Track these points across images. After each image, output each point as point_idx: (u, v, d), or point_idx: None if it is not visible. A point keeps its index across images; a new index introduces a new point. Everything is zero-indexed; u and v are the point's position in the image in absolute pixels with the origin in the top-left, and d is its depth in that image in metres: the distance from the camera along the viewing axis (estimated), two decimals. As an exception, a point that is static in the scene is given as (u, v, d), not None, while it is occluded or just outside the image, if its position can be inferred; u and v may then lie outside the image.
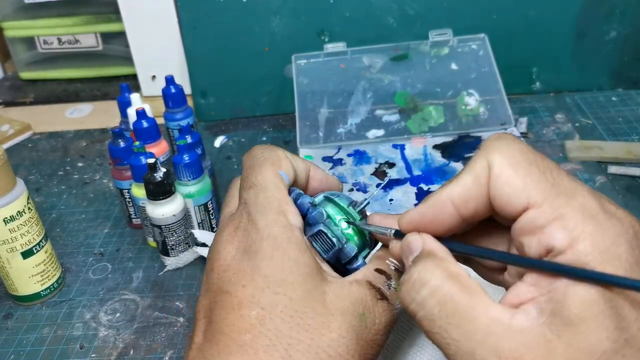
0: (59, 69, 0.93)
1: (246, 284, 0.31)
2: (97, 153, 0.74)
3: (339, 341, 0.29)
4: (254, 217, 0.32)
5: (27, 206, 0.48)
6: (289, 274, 0.30)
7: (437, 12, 0.72)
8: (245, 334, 0.29)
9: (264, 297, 0.30)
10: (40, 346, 0.47)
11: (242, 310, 0.30)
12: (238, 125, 0.77)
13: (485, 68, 0.69)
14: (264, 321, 0.29)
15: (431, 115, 0.68)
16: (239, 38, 0.74)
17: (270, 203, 0.33)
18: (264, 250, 0.31)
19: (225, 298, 0.31)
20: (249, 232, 0.32)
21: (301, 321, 0.29)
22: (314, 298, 0.30)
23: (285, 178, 0.35)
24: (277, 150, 0.36)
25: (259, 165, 0.35)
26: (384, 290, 0.31)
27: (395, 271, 0.32)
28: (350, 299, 0.31)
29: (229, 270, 0.32)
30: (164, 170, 0.50)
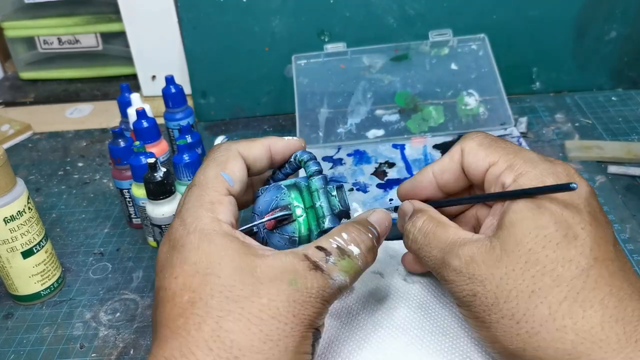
0: (59, 69, 0.93)
1: (177, 275, 0.32)
2: (97, 153, 0.74)
3: (269, 304, 0.31)
4: (183, 214, 0.34)
5: (27, 206, 0.48)
6: (216, 257, 0.32)
7: (437, 12, 0.72)
8: (179, 319, 0.31)
9: (194, 281, 0.31)
10: (40, 346, 0.47)
11: (175, 299, 0.31)
12: (238, 125, 0.77)
13: (485, 68, 0.69)
14: (195, 302, 0.31)
15: (431, 115, 0.68)
16: (239, 38, 0.75)
17: (203, 199, 0.35)
18: (191, 242, 0.33)
19: (162, 294, 0.32)
20: (177, 229, 0.34)
21: (230, 294, 0.31)
22: (243, 272, 0.32)
23: (227, 178, 0.36)
24: (229, 150, 0.38)
25: (205, 165, 0.37)
26: (320, 263, 0.33)
27: (336, 248, 0.34)
28: (281, 268, 0.32)
29: (163, 269, 0.33)
30: (164, 170, 0.50)
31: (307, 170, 0.38)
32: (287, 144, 0.40)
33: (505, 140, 0.38)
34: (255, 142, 0.39)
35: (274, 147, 0.40)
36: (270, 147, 0.39)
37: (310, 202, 0.37)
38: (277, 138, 0.40)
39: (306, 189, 0.37)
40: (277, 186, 0.38)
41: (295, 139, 0.41)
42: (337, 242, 0.35)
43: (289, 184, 0.38)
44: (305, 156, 0.38)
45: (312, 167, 0.37)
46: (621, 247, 0.38)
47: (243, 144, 0.39)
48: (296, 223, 0.36)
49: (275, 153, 0.40)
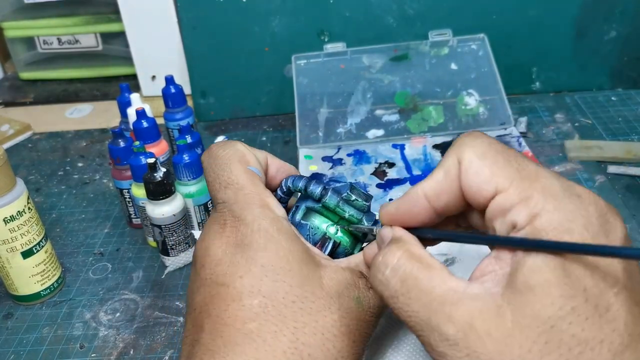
0: (59, 69, 0.93)
1: (243, 275, 0.31)
2: (97, 153, 0.74)
3: (341, 321, 0.31)
4: (239, 214, 0.33)
5: (27, 206, 0.48)
6: (285, 262, 0.31)
7: (436, 12, 0.72)
8: (251, 323, 0.29)
9: (264, 285, 0.30)
10: (40, 346, 0.47)
11: (243, 301, 0.30)
12: (238, 125, 0.77)
13: (485, 68, 0.69)
14: (267, 308, 0.30)
15: (431, 115, 0.68)
16: (238, 38, 0.75)
17: (252, 198, 0.34)
18: (257, 242, 0.32)
19: (222, 290, 0.31)
20: (238, 228, 0.33)
21: (303, 305, 0.30)
22: (312, 283, 0.31)
23: (256, 171, 0.35)
24: (237, 145, 0.36)
25: (226, 163, 0.35)
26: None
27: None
28: (346, 284, 0.32)
29: (221, 264, 0.32)
30: (164, 170, 0.50)
31: (313, 194, 0.36)
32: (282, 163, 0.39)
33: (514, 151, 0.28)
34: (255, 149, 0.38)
35: (270, 161, 0.38)
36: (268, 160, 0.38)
37: (336, 217, 0.36)
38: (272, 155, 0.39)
39: (325, 209, 0.36)
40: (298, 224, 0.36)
41: (288, 165, 0.39)
42: None
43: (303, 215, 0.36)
44: (300, 183, 0.36)
45: (315, 190, 0.35)
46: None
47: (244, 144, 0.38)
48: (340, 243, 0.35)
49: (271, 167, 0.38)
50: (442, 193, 0.30)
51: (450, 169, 0.29)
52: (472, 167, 0.28)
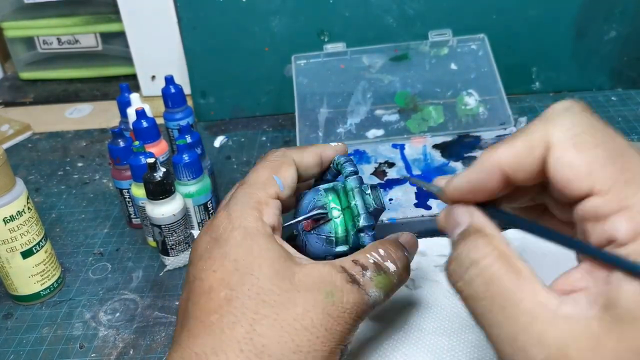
0: (59, 69, 0.93)
1: (216, 269, 0.32)
2: (96, 153, 0.74)
3: (304, 315, 0.31)
4: (230, 209, 0.34)
5: (26, 206, 0.48)
6: (257, 257, 0.32)
7: (436, 12, 0.72)
8: (213, 315, 0.31)
9: (233, 279, 0.31)
10: (40, 346, 0.47)
11: (211, 294, 0.31)
12: (238, 125, 0.77)
13: (485, 68, 0.69)
14: (231, 301, 0.31)
15: (431, 115, 0.68)
16: (238, 38, 0.74)
17: (250, 199, 0.35)
18: (234, 238, 0.33)
19: (198, 284, 0.32)
20: (222, 222, 0.34)
21: (267, 297, 0.31)
22: (281, 277, 0.32)
23: (278, 182, 0.36)
24: (285, 155, 0.38)
25: (259, 167, 0.37)
26: (357, 276, 0.33)
27: (373, 264, 0.34)
28: (319, 278, 0.32)
29: (201, 259, 0.33)
30: (164, 170, 0.50)
31: (343, 171, 0.38)
32: (335, 150, 0.41)
33: (619, 139, 0.24)
34: (306, 150, 0.40)
35: (324, 155, 0.40)
36: (321, 155, 0.40)
37: (346, 203, 0.37)
38: (326, 145, 0.41)
39: (342, 190, 0.38)
40: (316, 189, 0.39)
41: (340, 144, 0.41)
42: (374, 257, 0.34)
43: (327, 187, 0.38)
44: (342, 159, 0.39)
45: (347, 169, 0.38)
46: None
47: (296, 151, 0.39)
48: (332, 223, 0.37)
49: (325, 160, 0.40)
50: (520, 169, 0.26)
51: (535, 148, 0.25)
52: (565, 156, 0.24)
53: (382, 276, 0.34)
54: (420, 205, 0.55)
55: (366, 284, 0.33)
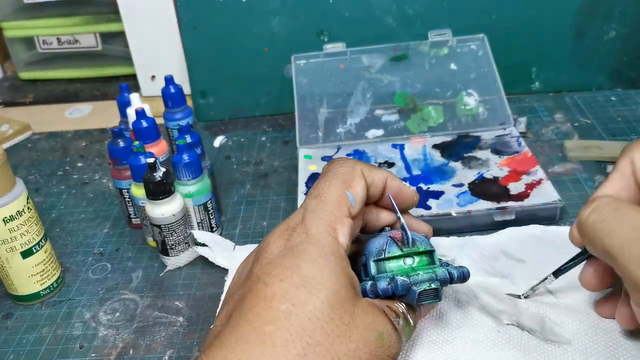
0: (59, 69, 0.93)
1: (284, 279, 0.32)
2: (96, 153, 0.74)
3: (355, 352, 0.31)
4: (308, 223, 0.34)
5: (26, 206, 0.48)
6: (327, 280, 0.32)
7: (436, 12, 0.72)
8: (269, 325, 0.30)
9: (298, 294, 0.31)
10: (39, 346, 0.47)
11: (272, 302, 0.31)
12: (237, 125, 0.77)
13: (485, 68, 0.69)
14: (291, 317, 0.30)
15: (430, 115, 0.68)
16: (238, 38, 0.75)
17: (327, 217, 0.35)
18: (309, 253, 0.33)
19: (260, 287, 0.32)
20: (299, 234, 0.34)
21: (326, 325, 0.31)
22: (344, 308, 0.32)
23: (351, 199, 0.36)
24: (355, 168, 0.38)
25: (330, 178, 0.37)
26: (396, 324, 0.34)
27: (402, 314, 0.35)
28: (374, 318, 0.33)
29: (271, 263, 0.33)
30: (164, 170, 0.50)
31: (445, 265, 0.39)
32: (401, 186, 0.40)
33: None
34: (376, 169, 0.39)
35: (390, 183, 0.40)
36: (387, 181, 0.40)
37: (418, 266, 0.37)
38: (394, 175, 0.40)
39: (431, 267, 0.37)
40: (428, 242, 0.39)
41: (411, 189, 0.41)
42: (402, 308, 0.35)
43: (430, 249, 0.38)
44: (465, 268, 0.38)
45: (455, 270, 0.37)
46: None
47: (366, 166, 0.39)
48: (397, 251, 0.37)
49: (389, 189, 0.40)
50: (622, 191, 0.35)
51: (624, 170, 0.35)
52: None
53: (409, 327, 0.35)
54: (419, 205, 0.55)
55: (401, 332, 0.34)
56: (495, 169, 0.59)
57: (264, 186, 0.64)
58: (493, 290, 0.44)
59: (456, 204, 0.54)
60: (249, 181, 0.65)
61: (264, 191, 0.63)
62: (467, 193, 0.56)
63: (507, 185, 0.56)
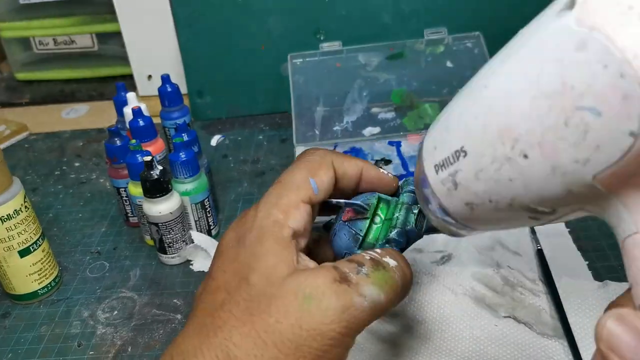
0: (55, 69, 0.93)
1: (226, 269, 0.32)
2: (93, 153, 0.74)
3: (274, 327, 0.27)
4: (260, 207, 0.33)
5: (23, 205, 0.48)
6: (255, 262, 0.31)
7: (432, 10, 0.73)
8: (208, 317, 0.30)
9: (232, 282, 0.31)
10: (38, 344, 0.47)
11: (215, 294, 0.31)
12: (234, 124, 0.77)
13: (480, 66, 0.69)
14: (224, 305, 0.30)
15: (427, 113, 0.68)
16: (234, 37, 0.75)
17: (279, 200, 0.33)
18: (248, 240, 0.32)
19: (210, 283, 0.32)
20: (247, 220, 0.33)
21: (252, 305, 0.29)
22: (273, 284, 0.29)
23: (313, 186, 0.34)
24: (324, 157, 0.36)
25: (297, 165, 0.35)
26: (350, 275, 0.29)
27: (370, 260, 0.31)
28: (300, 281, 0.29)
29: (221, 256, 0.33)
30: (161, 168, 0.50)
31: (404, 188, 0.37)
32: (379, 175, 0.38)
33: None
34: (349, 158, 0.37)
35: (366, 173, 0.37)
36: (363, 170, 0.37)
37: (391, 215, 0.36)
38: (371, 165, 0.38)
39: (394, 204, 0.37)
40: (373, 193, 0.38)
41: (390, 175, 0.38)
42: (370, 254, 0.31)
43: (383, 197, 0.37)
44: (410, 178, 0.37)
45: (409, 187, 0.37)
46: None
47: (338, 156, 0.37)
48: (367, 223, 0.36)
49: (365, 179, 0.37)
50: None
51: None
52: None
53: (381, 272, 0.29)
54: (416, 201, 0.55)
55: (360, 281, 0.28)
56: (492, 165, 0.59)
57: (261, 184, 0.64)
58: (488, 282, 0.45)
59: (453, 201, 0.54)
60: (246, 179, 0.65)
61: (261, 189, 0.63)
62: (464, 189, 0.56)
63: (504, 182, 0.56)
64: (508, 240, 0.49)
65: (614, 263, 0.47)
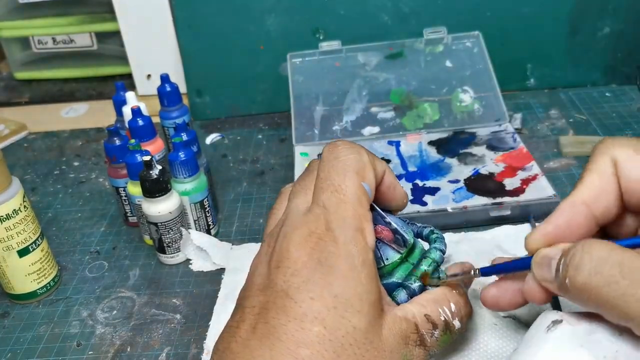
0: (54, 68, 0.93)
1: (314, 297, 0.30)
2: (92, 152, 0.74)
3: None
4: (334, 229, 0.32)
5: (23, 204, 0.48)
6: (357, 301, 0.31)
7: (431, 9, 0.73)
8: (304, 349, 0.29)
9: (330, 317, 0.30)
10: (37, 344, 0.47)
11: (304, 323, 0.30)
12: (234, 124, 0.77)
13: (480, 65, 0.69)
14: (324, 341, 0.30)
15: (426, 112, 0.68)
16: (234, 36, 0.75)
17: (352, 217, 0.32)
18: (340, 269, 0.31)
19: (288, 304, 0.30)
20: (327, 244, 0.32)
21: (358, 351, 0.30)
22: (374, 331, 0.31)
23: (368, 191, 0.34)
24: (362, 155, 0.35)
25: (344, 169, 0.34)
26: (426, 337, 0.33)
27: (444, 322, 0.33)
28: (400, 339, 0.32)
29: (298, 275, 0.31)
30: (160, 168, 0.50)
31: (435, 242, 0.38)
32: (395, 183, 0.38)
33: None
34: (377, 158, 0.37)
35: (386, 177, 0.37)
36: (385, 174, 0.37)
37: (414, 260, 0.37)
38: (391, 170, 0.38)
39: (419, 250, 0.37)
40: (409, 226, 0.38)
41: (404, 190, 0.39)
42: (446, 314, 0.34)
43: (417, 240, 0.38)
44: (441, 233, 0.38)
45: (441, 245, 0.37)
46: None
47: (370, 154, 0.36)
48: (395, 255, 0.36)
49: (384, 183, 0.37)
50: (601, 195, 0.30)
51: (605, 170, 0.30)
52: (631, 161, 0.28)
53: (447, 335, 0.34)
54: (416, 201, 0.55)
55: (432, 345, 0.33)
56: (491, 164, 0.59)
57: (261, 184, 0.64)
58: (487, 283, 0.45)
59: (452, 200, 0.54)
60: (245, 179, 0.65)
61: (260, 189, 0.63)
62: (463, 189, 0.56)
63: (503, 181, 0.56)
64: (507, 243, 0.49)
65: (613, 263, 0.48)
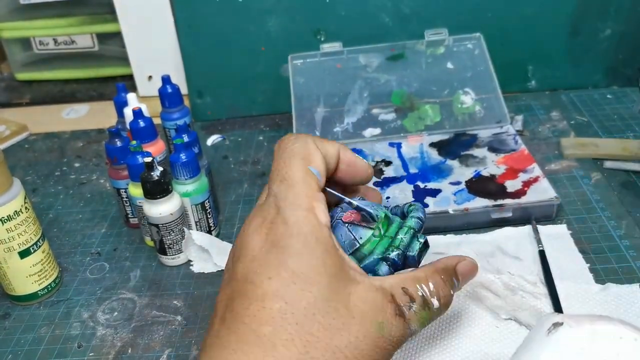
0: (55, 69, 0.93)
1: (272, 276, 0.31)
2: (93, 153, 0.74)
3: (356, 344, 0.31)
4: (284, 212, 0.33)
5: (24, 206, 0.48)
6: (315, 273, 0.31)
7: (432, 11, 0.73)
8: (266, 326, 0.30)
9: (289, 291, 0.30)
10: (37, 345, 0.47)
11: (265, 302, 0.30)
12: (235, 125, 0.77)
13: (481, 67, 0.69)
14: (286, 315, 0.30)
15: (427, 114, 0.68)
16: (235, 38, 0.75)
17: (301, 199, 0.33)
18: (293, 246, 0.32)
19: (249, 288, 0.31)
20: (278, 226, 0.32)
21: (322, 320, 0.30)
22: (338, 299, 0.31)
23: (316, 173, 0.35)
24: (307, 142, 0.36)
25: (289, 158, 0.35)
26: (404, 309, 0.33)
27: (421, 297, 0.34)
28: (372, 306, 0.32)
29: (255, 260, 0.32)
30: (161, 169, 0.50)
31: (412, 212, 0.37)
32: (354, 158, 0.38)
33: None
34: (327, 141, 0.37)
35: (342, 154, 0.38)
36: (340, 152, 0.38)
37: (392, 233, 0.36)
38: (346, 147, 0.38)
39: (397, 224, 0.37)
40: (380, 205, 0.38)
41: (365, 162, 0.39)
42: (423, 290, 0.34)
43: (387, 213, 0.37)
44: (418, 204, 0.38)
45: (417, 213, 0.37)
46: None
47: (317, 139, 0.37)
48: (368, 232, 0.36)
49: (342, 161, 0.38)
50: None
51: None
52: None
53: (426, 312, 0.34)
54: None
55: (411, 318, 0.33)
56: (492, 166, 0.59)
57: (262, 185, 0.64)
58: (489, 285, 0.45)
59: (453, 202, 0.54)
60: (246, 180, 0.65)
61: (261, 190, 0.63)
62: (464, 191, 0.56)
63: (504, 183, 0.56)
64: (507, 245, 0.49)
65: (615, 266, 0.48)
